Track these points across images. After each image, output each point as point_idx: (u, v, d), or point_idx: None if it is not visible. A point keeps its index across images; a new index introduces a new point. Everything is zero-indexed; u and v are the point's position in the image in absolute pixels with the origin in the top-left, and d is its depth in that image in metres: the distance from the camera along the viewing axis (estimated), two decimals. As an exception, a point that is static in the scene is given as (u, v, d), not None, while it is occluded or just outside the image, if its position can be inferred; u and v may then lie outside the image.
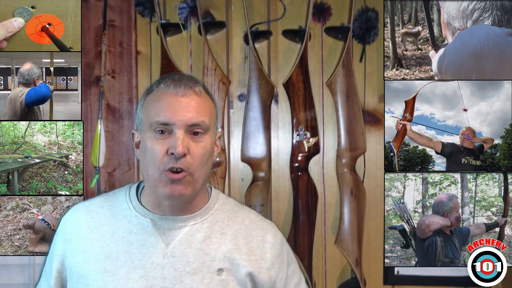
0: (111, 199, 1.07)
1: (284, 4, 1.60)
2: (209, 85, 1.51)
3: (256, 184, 1.52)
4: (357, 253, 1.54)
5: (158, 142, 0.95)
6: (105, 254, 0.98)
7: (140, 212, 1.02)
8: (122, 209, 1.03)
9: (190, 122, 0.95)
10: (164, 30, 1.52)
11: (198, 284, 0.97)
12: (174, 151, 0.93)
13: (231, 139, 1.61)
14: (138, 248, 0.98)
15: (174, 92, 0.96)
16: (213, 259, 1.00)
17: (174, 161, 0.94)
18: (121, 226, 1.01)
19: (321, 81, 1.59)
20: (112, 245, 0.99)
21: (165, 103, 0.96)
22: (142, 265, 0.97)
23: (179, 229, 1.01)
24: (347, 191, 1.55)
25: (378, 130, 1.61)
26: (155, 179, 0.96)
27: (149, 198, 1.03)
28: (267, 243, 1.06)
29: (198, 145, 0.96)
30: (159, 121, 0.95)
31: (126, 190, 1.08)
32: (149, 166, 0.97)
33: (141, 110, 1.01)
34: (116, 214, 1.03)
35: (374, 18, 1.54)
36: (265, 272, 1.04)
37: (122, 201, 1.05)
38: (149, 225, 1.00)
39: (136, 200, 1.04)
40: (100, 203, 1.06)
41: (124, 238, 0.99)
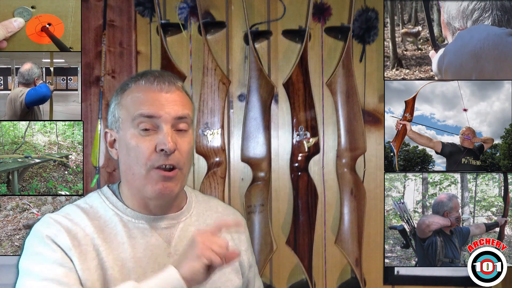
0: (89, 211, 0.97)
1: (284, 4, 1.60)
2: (209, 85, 1.51)
3: (256, 184, 1.52)
4: (357, 253, 1.54)
5: (144, 139, 0.92)
6: (111, 262, 0.93)
7: (132, 216, 0.97)
8: (109, 216, 0.97)
9: (177, 114, 0.93)
10: (164, 30, 1.52)
11: None
12: (164, 147, 0.90)
13: (231, 139, 1.61)
14: (142, 252, 0.95)
15: (158, 88, 0.94)
16: None
17: (164, 158, 0.91)
18: (117, 233, 0.95)
19: (321, 81, 1.59)
20: (114, 253, 0.94)
21: (148, 97, 0.93)
22: (150, 268, 0.94)
23: (174, 227, 1.00)
24: (347, 191, 1.55)
25: (378, 130, 1.61)
26: (142, 178, 0.93)
27: (133, 201, 0.98)
28: (241, 226, 1.10)
29: (184, 140, 0.95)
30: (143, 114, 0.92)
31: (98, 197, 1.00)
32: (134, 165, 0.93)
33: (117, 108, 0.97)
34: (106, 223, 0.96)
35: (374, 18, 1.54)
36: (244, 253, 1.10)
37: (105, 209, 0.98)
38: (147, 227, 0.97)
39: (122, 204, 0.98)
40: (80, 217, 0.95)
41: (125, 244, 0.95)
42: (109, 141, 1.00)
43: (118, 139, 0.97)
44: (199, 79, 1.53)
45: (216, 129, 1.52)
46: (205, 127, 1.51)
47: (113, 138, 0.99)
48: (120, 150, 0.97)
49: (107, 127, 1.01)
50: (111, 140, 0.99)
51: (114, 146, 0.99)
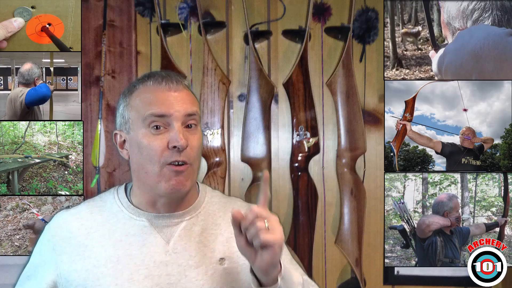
0: (99, 204, 1.05)
1: (284, 4, 1.60)
2: (209, 85, 1.51)
3: (256, 184, 1.52)
4: (357, 253, 1.54)
5: (155, 138, 0.95)
6: (105, 259, 0.97)
7: (134, 213, 1.01)
8: (114, 212, 1.02)
9: (187, 112, 0.96)
10: (164, 30, 1.52)
11: (202, 276, 0.97)
12: (177, 144, 0.93)
13: (231, 139, 1.61)
14: (138, 249, 0.98)
15: (167, 87, 0.97)
16: (213, 250, 1.01)
17: (177, 155, 0.94)
18: (117, 229, 0.99)
19: (321, 81, 1.59)
20: (111, 249, 0.97)
21: (158, 97, 0.96)
22: (145, 265, 0.96)
23: (176, 225, 1.00)
24: (347, 191, 1.55)
25: (378, 130, 1.61)
26: (155, 175, 0.95)
27: (142, 198, 1.01)
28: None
29: (194, 137, 0.97)
30: (154, 113, 0.94)
31: (113, 193, 1.06)
32: (147, 163, 0.96)
33: (126, 109, 0.99)
34: (108, 218, 1.01)
35: (374, 18, 1.54)
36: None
37: (112, 204, 1.03)
38: (146, 225, 0.99)
39: (127, 201, 1.02)
40: (88, 209, 1.04)
41: (122, 241, 0.98)
42: (119, 143, 1.02)
43: (129, 140, 0.99)
44: (199, 79, 1.53)
45: (216, 129, 1.52)
46: (205, 127, 1.51)
47: (123, 139, 1.01)
48: (131, 150, 0.99)
49: (116, 129, 1.03)
50: (121, 141, 1.02)
51: (124, 147, 1.01)
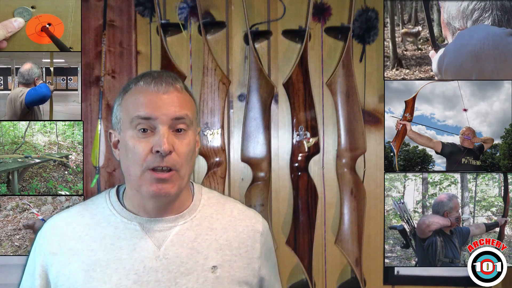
0: (90, 207, 1.03)
1: (284, 4, 1.60)
2: (209, 85, 1.51)
3: (256, 184, 1.52)
4: (357, 253, 1.54)
5: (140, 141, 0.92)
6: (94, 263, 0.95)
7: (126, 217, 0.99)
8: (105, 215, 1.00)
9: (174, 115, 0.93)
10: (164, 30, 1.52)
11: (193, 284, 0.95)
12: (159, 148, 0.90)
13: (231, 139, 1.61)
14: (128, 254, 0.95)
15: (155, 89, 0.94)
16: (206, 257, 0.98)
17: (159, 160, 0.91)
18: (107, 233, 0.98)
19: (321, 81, 1.59)
20: (100, 253, 0.96)
21: (146, 99, 0.93)
22: (134, 270, 0.94)
23: (169, 230, 0.98)
24: (347, 191, 1.55)
25: (378, 130, 1.61)
26: (137, 179, 0.93)
27: (133, 201, 0.99)
28: (257, 233, 1.06)
29: (182, 142, 0.94)
30: (140, 115, 0.92)
31: (105, 196, 1.04)
32: (131, 166, 0.94)
33: (119, 109, 0.98)
34: (99, 221, 0.99)
35: (374, 18, 1.54)
36: (256, 261, 1.05)
37: (104, 207, 1.01)
38: (138, 229, 0.97)
39: (119, 204, 1.01)
40: (79, 213, 1.02)
41: (112, 245, 0.96)
42: (113, 142, 1.01)
43: (120, 140, 0.98)
44: (199, 79, 1.53)
45: (216, 129, 1.52)
46: (205, 127, 1.51)
47: (116, 139, 1.00)
48: (121, 151, 0.98)
49: (112, 128, 1.02)
50: (115, 141, 1.00)
51: (117, 147, 1.00)
